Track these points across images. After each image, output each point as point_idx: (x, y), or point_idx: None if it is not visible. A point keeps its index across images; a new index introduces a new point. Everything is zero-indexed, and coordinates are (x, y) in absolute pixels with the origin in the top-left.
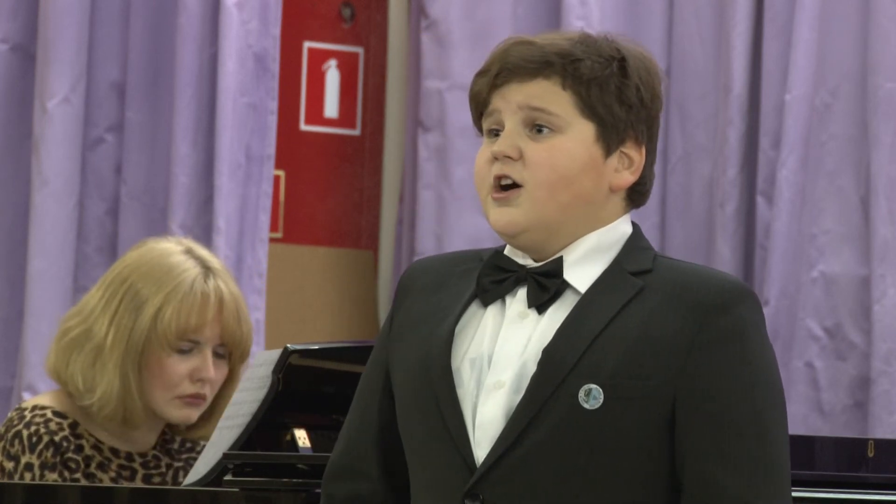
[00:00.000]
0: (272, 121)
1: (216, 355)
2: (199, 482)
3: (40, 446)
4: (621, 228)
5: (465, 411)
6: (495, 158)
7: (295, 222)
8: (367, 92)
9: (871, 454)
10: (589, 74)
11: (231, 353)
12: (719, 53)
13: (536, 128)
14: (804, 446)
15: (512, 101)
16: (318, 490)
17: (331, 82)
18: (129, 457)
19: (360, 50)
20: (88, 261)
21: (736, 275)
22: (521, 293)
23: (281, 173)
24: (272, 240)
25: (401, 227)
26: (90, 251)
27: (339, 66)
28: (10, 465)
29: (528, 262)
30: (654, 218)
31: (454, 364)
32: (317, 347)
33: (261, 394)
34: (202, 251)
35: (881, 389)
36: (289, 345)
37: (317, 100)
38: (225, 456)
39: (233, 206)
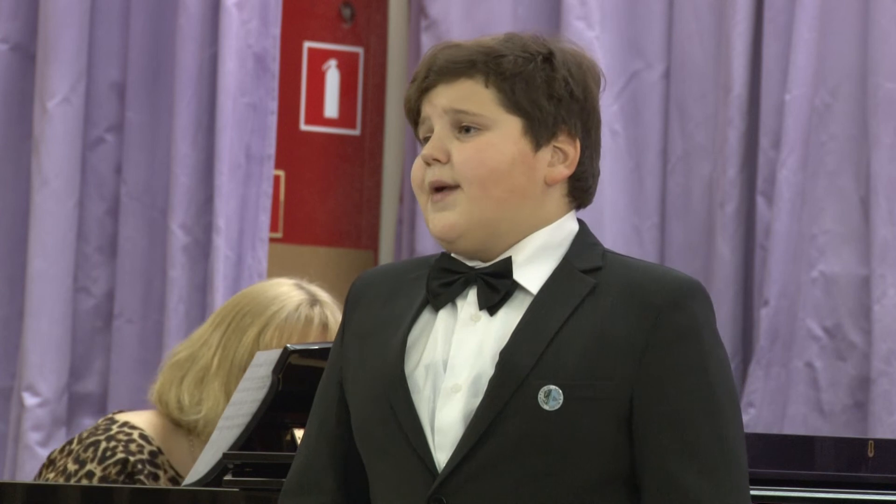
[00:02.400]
0: (272, 121)
1: None
2: (199, 482)
3: (110, 461)
4: (567, 226)
5: (422, 417)
6: (427, 164)
7: (295, 222)
8: (367, 92)
9: (871, 454)
10: (512, 69)
11: None
12: (719, 53)
13: (464, 129)
14: (804, 446)
15: (437, 105)
16: None
17: (331, 82)
18: None
19: (360, 50)
20: (88, 261)
21: (736, 275)
22: (472, 295)
23: (281, 173)
24: (272, 240)
25: (401, 227)
26: (90, 251)
27: (339, 66)
28: (73, 468)
29: (477, 264)
30: (654, 218)
31: (408, 370)
32: (317, 347)
33: (261, 394)
34: (313, 286)
35: (881, 389)
36: (289, 345)
37: (317, 100)
38: (225, 456)
39: (233, 206)
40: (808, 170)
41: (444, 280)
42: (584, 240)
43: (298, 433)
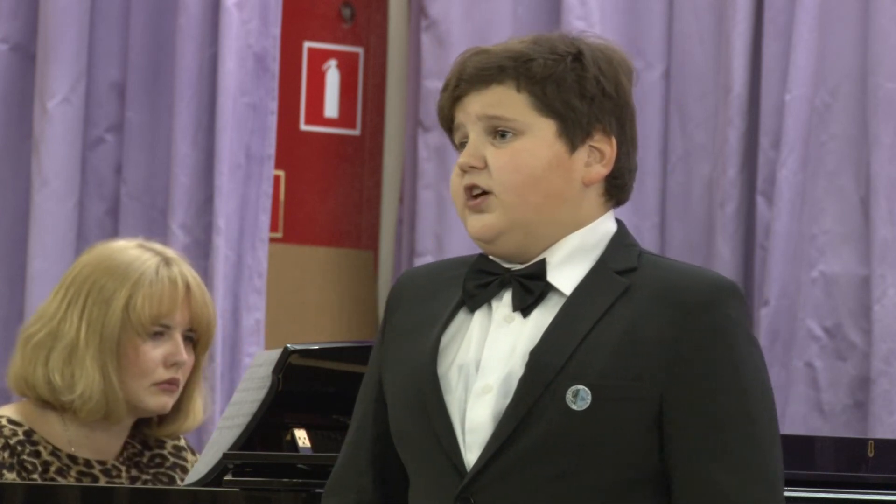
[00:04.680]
0: (272, 121)
1: (185, 339)
2: (199, 482)
3: None
4: (604, 226)
5: (453, 417)
6: (463, 171)
7: (295, 222)
8: (367, 92)
9: (871, 454)
10: (542, 72)
11: (199, 339)
12: (719, 53)
13: (500, 134)
14: (804, 446)
15: (471, 112)
16: (318, 490)
17: (331, 82)
18: (89, 464)
19: (360, 50)
20: None
21: (736, 275)
22: (507, 297)
23: (281, 173)
24: (272, 240)
25: (401, 227)
26: None
27: (339, 66)
28: None
29: (513, 265)
30: (654, 218)
31: (441, 371)
32: (317, 347)
33: (261, 394)
34: (156, 244)
35: (881, 389)
36: (289, 345)
37: (317, 100)
38: (225, 456)
39: (233, 206)
40: (808, 170)
41: (480, 281)
42: (620, 241)
43: (298, 433)
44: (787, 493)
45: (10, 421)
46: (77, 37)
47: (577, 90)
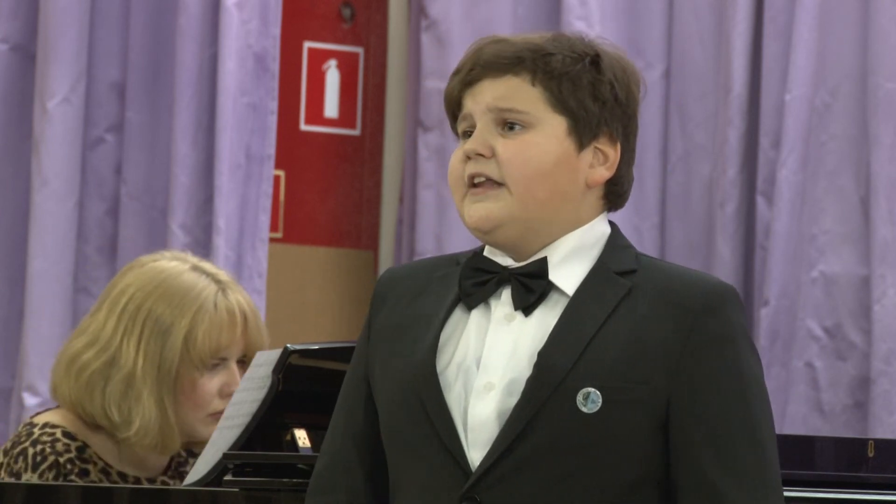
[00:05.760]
0: (272, 121)
1: (238, 363)
2: (199, 482)
3: (43, 466)
4: (600, 228)
5: (454, 415)
6: (468, 157)
7: (295, 222)
8: (367, 92)
9: (871, 454)
10: (560, 69)
11: (249, 361)
12: (719, 53)
13: (508, 125)
14: (804, 446)
15: (481, 101)
16: None
17: (331, 82)
18: (138, 481)
19: (360, 50)
20: (88, 261)
21: (736, 275)
22: (506, 295)
23: (281, 173)
24: (272, 240)
25: (401, 227)
26: (90, 251)
27: (339, 66)
28: (11, 482)
29: (509, 263)
30: (654, 218)
31: (440, 368)
32: (317, 347)
33: (261, 394)
34: (207, 265)
35: (881, 389)
36: (289, 345)
37: (317, 100)
38: (225, 456)
39: (233, 206)
40: (808, 170)
41: (476, 279)
42: (616, 242)
43: (298, 433)
44: (787, 493)
45: (66, 434)
46: (77, 37)
47: (591, 92)
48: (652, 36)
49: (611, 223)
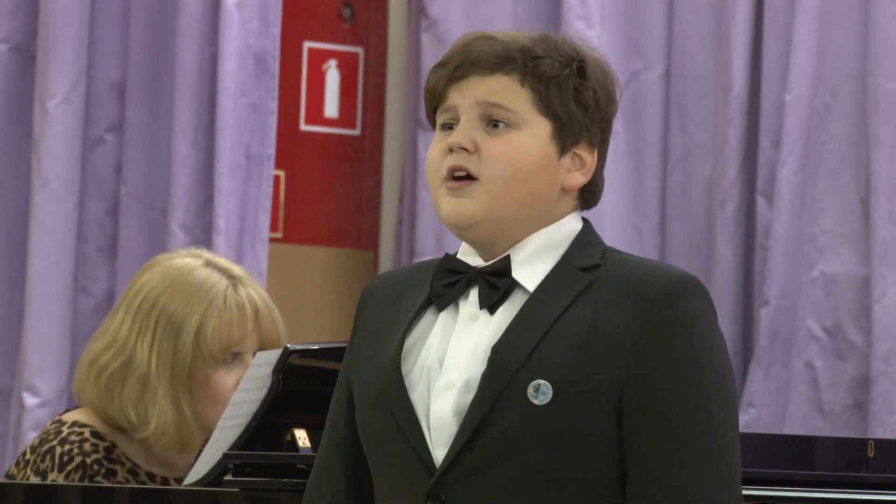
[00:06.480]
0: (272, 121)
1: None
2: (199, 482)
3: (70, 467)
4: (569, 225)
5: (419, 415)
6: (450, 150)
7: (295, 222)
8: (367, 92)
9: (871, 454)
10: (549, 73)
11: None
12: (719, 53)
13: (493, 123)
14: (804, 446)
15: (469, 95)
16: None
17: (331, 82)
18: (166, 482)
19: (360, 50)
20: (88, 261)
21: (736, 275)
22: (474, 295)
23: (281, 173)
24: (272, 240)
25: (401, 227)
26: (90, 251)
27: (339, 66)
28: (36, 480)
29: (479, 262)
30: (654, 218)
31: (405, 370)
32: (317, 347)
33: (261, 394)
34: (221, 260)
35: (881, 389)
36: (289, 345)
37: (317, 100)
38: (225, 456)
39: (233, 206)
40: (808, 170)
41: (446, 280)
42: (585, 238)
43: (298, 433)
44: (787, 493)
45: (94, 433)
46: (77, 37)
47: (576, 97)
48: (652, 36)
49: (584, 220)
